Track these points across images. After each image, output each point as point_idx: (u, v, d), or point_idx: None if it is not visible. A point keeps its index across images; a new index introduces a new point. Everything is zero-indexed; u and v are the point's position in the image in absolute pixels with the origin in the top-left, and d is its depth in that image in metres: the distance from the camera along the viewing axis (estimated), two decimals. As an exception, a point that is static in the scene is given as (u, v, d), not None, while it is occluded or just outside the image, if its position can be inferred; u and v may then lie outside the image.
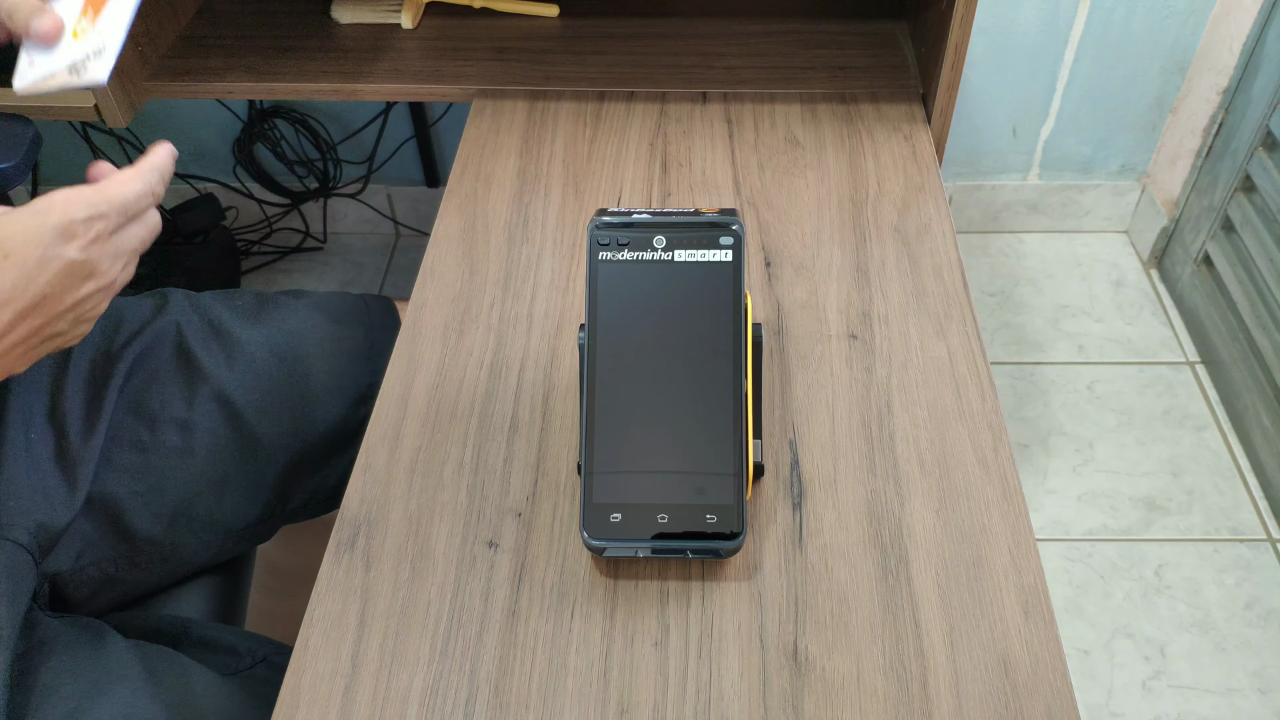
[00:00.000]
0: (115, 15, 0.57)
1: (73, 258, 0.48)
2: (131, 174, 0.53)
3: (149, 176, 0.53)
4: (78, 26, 0.57)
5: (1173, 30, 1.37)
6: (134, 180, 0.52)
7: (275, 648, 0.69)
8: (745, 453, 0.52)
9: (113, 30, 0.57)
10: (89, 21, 0.57)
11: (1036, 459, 1.33)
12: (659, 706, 0.49)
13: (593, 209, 0.78)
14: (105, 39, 0.56)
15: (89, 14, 0.57)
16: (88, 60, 0.56)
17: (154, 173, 0.54)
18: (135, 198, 0.52)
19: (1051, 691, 0.49)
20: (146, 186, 0.53)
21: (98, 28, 0.57)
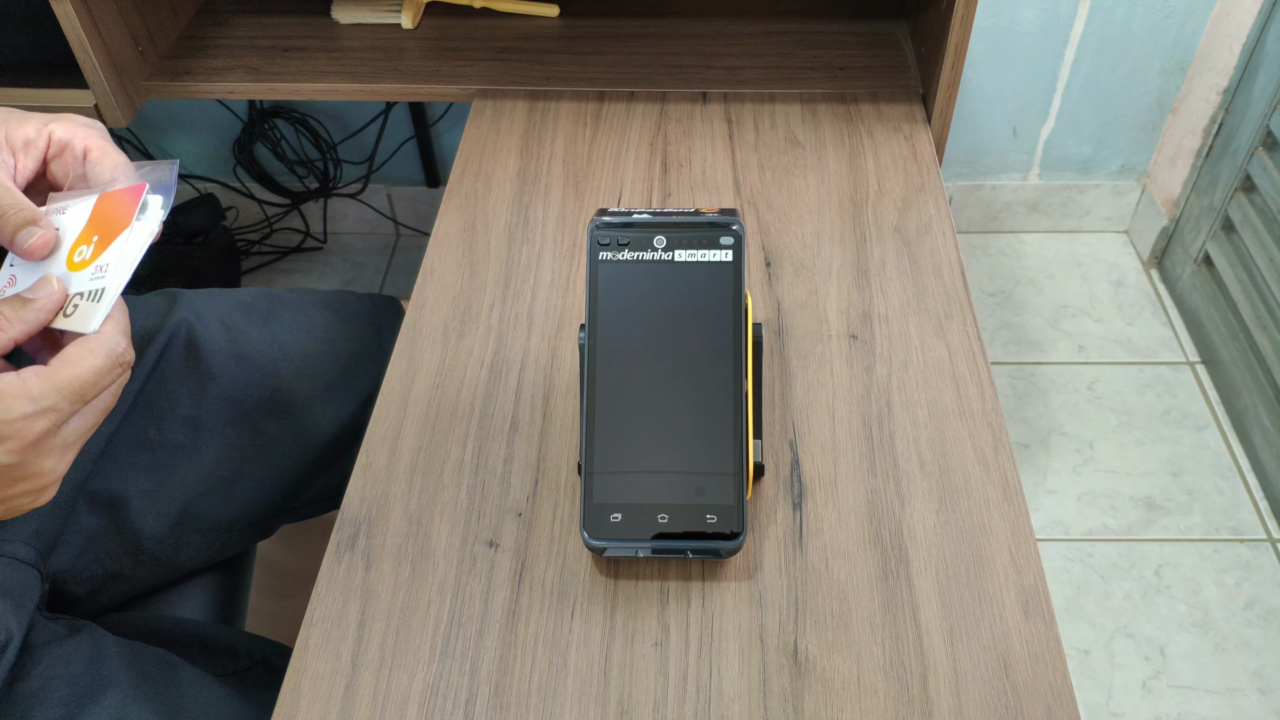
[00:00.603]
0: (123, 256, 0.48)
1: (3, 462, 0.41)
2: (92, 343, 0.44)
3: (112, 343, 0.44)
4: (76, 253, 0.48)
5: (1173, 30, 1.37)
6: (91, 354, 0.43)
7: (274, 649, 0.69)
8: (745, 453, 0.52)
9: (116, 272, 0.47)
10: (90, 250, 0.48)
11: (1036, 459, 1.33)
12: (659, 706, 0.49)
13: (593, 209, 0.78)
14: (107, 281, 0.47)
15: (92, 242, 0.49)
16: (79, 300, 0.46)
17: (118, 335, 0.45)
18: (94, 377, 0.43)
19: (1051, 691, 0.49)
20: (109, 358, 0.44)
21: (101, 264, 0.48)
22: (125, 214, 0.50)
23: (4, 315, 0.44)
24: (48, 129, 0.50)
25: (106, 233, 0.49)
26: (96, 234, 0.49)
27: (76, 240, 0.49)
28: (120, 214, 0.50)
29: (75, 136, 0.51)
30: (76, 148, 0.51)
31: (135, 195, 0.50)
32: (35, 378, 0.42)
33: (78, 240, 0.49)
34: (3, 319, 0.44)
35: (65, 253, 0.49)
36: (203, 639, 0.66)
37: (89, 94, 0.89)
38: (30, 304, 0.45)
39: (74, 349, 0.44)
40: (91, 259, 0.48)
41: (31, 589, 0.58)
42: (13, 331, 0.44)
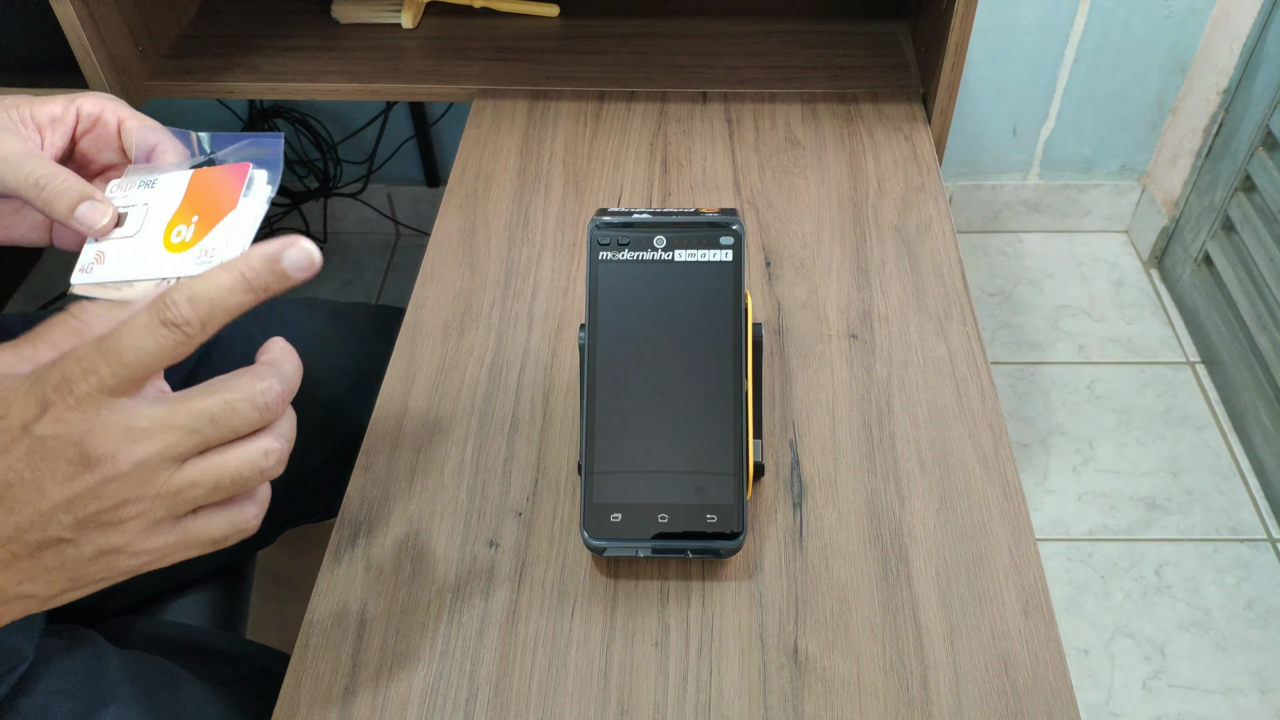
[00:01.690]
0: (231, 238, 0.44)
1: (40, 433, 0.35)
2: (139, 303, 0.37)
3: (159, 300, 0.36)
4: (174, 232, 0.45)
5: (1173, 30, 1.37)
6: (139, 314, 0.36)
7: (274, 656, 0.69)
8: (745, 452, 0.52)
9: (231, 246, 0.44)
10: (190, 231, 0.45)
11: (1036, 459, 1.33)
12: (659, 706, 0.49)
13: (593, 209, 0.78)
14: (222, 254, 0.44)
15: (192, 222, 0.45)
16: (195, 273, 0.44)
17: (180, 290, 0.37)
18: (138, 334, 0.36)
19: (1051, 691, 0.49)
20: (157, 309, 0.36)
21: (206, 248, 0.44)
22: (229, 194, 0.46)
23: (93, 313, 0.39)
24: (74, 104, 0.49)
25: (208, 213, 0.46)
26: (196, 213, 0.46)
27: (173, 218, 0.46)
28: (223, 194, 0.46)
29: (105, 110, 0.49)
30: (109, 121, 0.49)
31: (239, 174, 0.47)
32: (83, 344, 0.37)
33: (174, 218, 0.46)
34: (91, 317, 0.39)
35: (160, 230, 0.46)
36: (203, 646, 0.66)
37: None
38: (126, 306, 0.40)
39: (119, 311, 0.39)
40: (194, 240, 0.45)
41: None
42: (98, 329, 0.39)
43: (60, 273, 1.65)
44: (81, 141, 0.49)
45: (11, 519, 0.36)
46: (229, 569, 0.74)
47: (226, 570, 0.74)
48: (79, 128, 0.49)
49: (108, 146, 0.50)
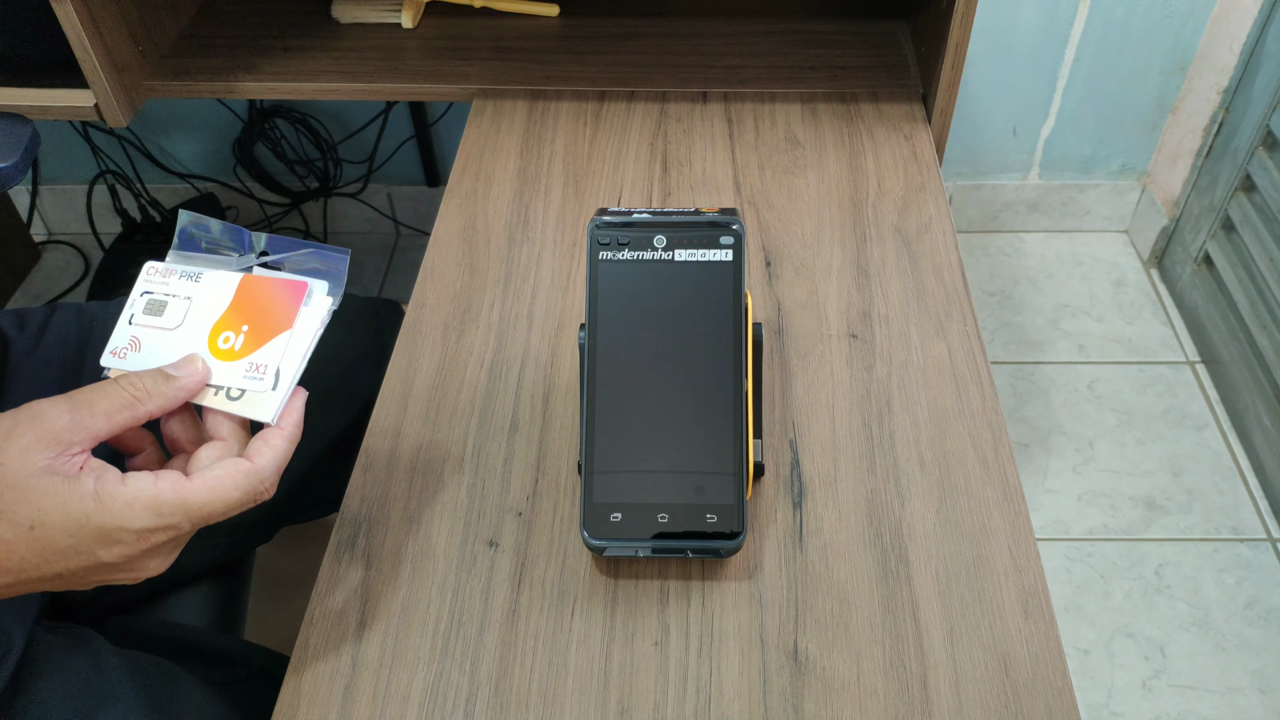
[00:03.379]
0: (286, 360, 0.46)
1: (106, 560, 0.41)
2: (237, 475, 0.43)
3: (257, 480, 0.43)
4: (221, 337, 0.46)
5: (1173, 30, 1.37)
6: (235, 487, 0.42)
7: (272, 658, 0.69)
8: (745, 452, 0.52)
9: (284, 377, 0.45)
10: (239, 341, 0.46)
11: (1036, 458, 1.33)
12: (659, 706, 0.49)
13: (593, 208, 0.78)
14: (269, 381, 0.45)
15: (241, 331, 0.46)
16: (247, 389, 0.45)
17: (269, 470, 0.44)
18: (225, 510, 0.43)
19: (1051, 691, 0.49)
20: (249, 495, 0.43)
21: (258, 364, 0.45)
22: (284, 309, 0.46)
23: (145, 387, 0.43)
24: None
25: (261, 325, 0.46)
26: (246, 322, 0.46)
27: (220, 322, 0.46)
28: (277, 307, 0.46)
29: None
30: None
31: (296, 291, 0.46)
32: (171, 491, 0.41)
33: (221, 322, 0.46)
34: (143, 390, 0.43)
35: (206, 331, 0.46)
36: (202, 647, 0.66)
37: (89, 94, 0.89)
38: (173, 380, 0.44)
39: (221, 472, 0.42)
40: (242, 352, 0.46)
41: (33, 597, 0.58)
42: (150, 405, 0.43)
43: (60, 273, 1.65)
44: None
45: (37, 585, 0.41)
46: (227, 568, 0.74)
47: (225, 569, 0.74)
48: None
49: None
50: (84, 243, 1.68)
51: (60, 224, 1.69)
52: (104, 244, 1.64)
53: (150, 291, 0.48)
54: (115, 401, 0.42)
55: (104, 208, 1.60)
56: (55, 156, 1.58)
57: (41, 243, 1.69)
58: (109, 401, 0.42)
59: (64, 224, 1.69)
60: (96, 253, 1.66)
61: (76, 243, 1.68)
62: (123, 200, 1.56)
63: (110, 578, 0.42)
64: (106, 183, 1.55)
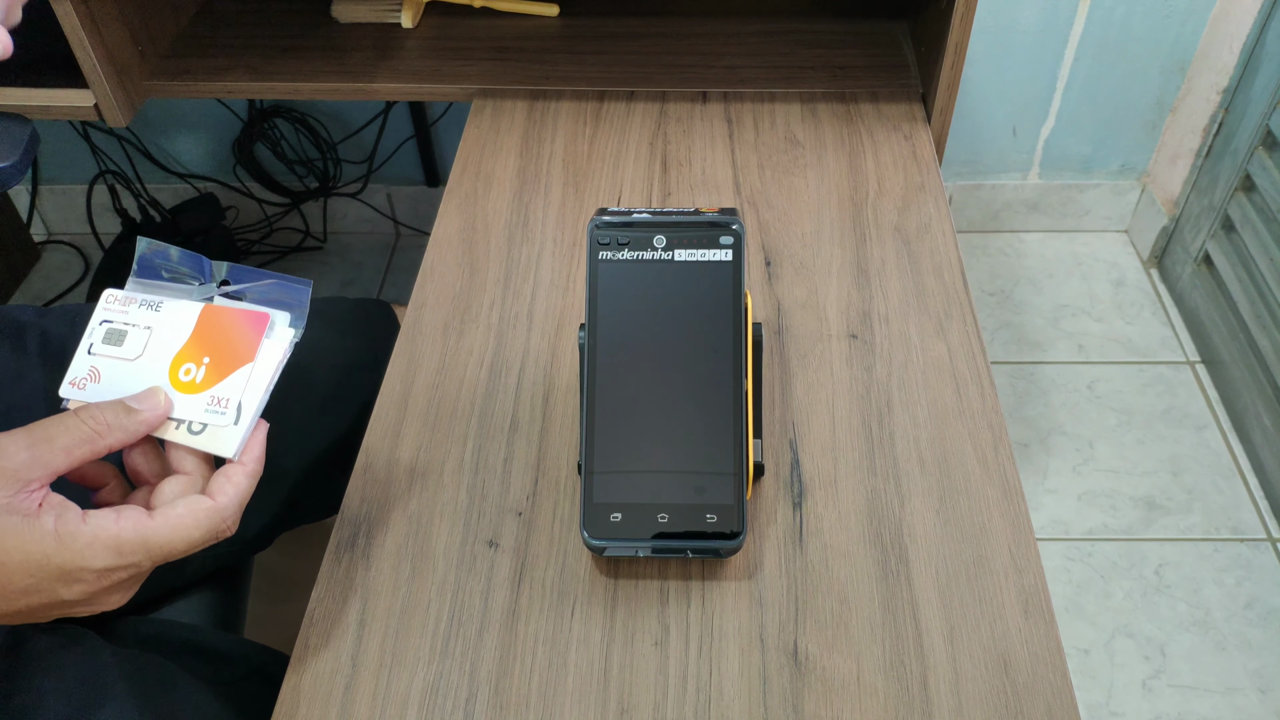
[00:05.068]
0: (248, 393, 0.45)
1: (67, 598, 0.40)
2: (199, 513, 0.42)
3: (218, 518, 0.43)
4: (182, 370, 0.45)
5: (1173, 30, 1.37)
6: (196, 525, 0.42)
7: (271, 657, 0.69)
8: (745, 452, 0.52)
9: (246, 410, 0.44)
10: (200, 373, 0.45)
11: (1036, 458, 1.33)
12: (659, 706, 0.49)
13: (593, 208, 0.78)
14: (231, 416, 0.44)
15: (203, 364, 0.45)
16: (209, 424, 0.44)
17: (231, 508, 0.43)
18: (186, 548, 0.42)
19: (1051, 691, 0.49)
20: (210, 533, 0.43)
21: (219, 397, 0.44)
22: (246, 341, 0.45)
23: (105, 420, 0.42)
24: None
25: (222, 357, 0.45)
26: (207, 354, 0.45)
27: (180, 354, 0.45)
28: (239, 339, 0.45)
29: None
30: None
31: (257, 324, 0.45)
32: (133, 530, 0.40)
33: (182, 353, 0.45)
34: (103, 424, 0.42)
35: (166, 362, 0.45)
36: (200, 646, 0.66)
37: (89, 94, 0.89)
38: (134, 414, 0.43)
39: (183, 510, 0.42)
40: (204, 385, 0.45)
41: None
42: (110, 439, 0.42)
43: (60, 273, 1.65)
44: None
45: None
46: (227, 570, 0.74)
47: (224, 571, 0.74)
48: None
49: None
50: (84, 243, 1.68)
51: (60, 224, 1.69)
52: (104, 244, 1.64)
53: (110, 320, 0.47)
54: (75, 436, 0.41)
55: (104, 208, 1.60)
56: (55, 156, 1.58)
57: (41, 243, 1.69)
58: (68, 436, 0.41)
59: (64, 224, 1.69)
60: (96, 253, 1.66)
61: (76, 243, 1.68)
62: (122, 200, 1.56)
63: (69, 612, 0.42)
64: (106, 183, 1.55)
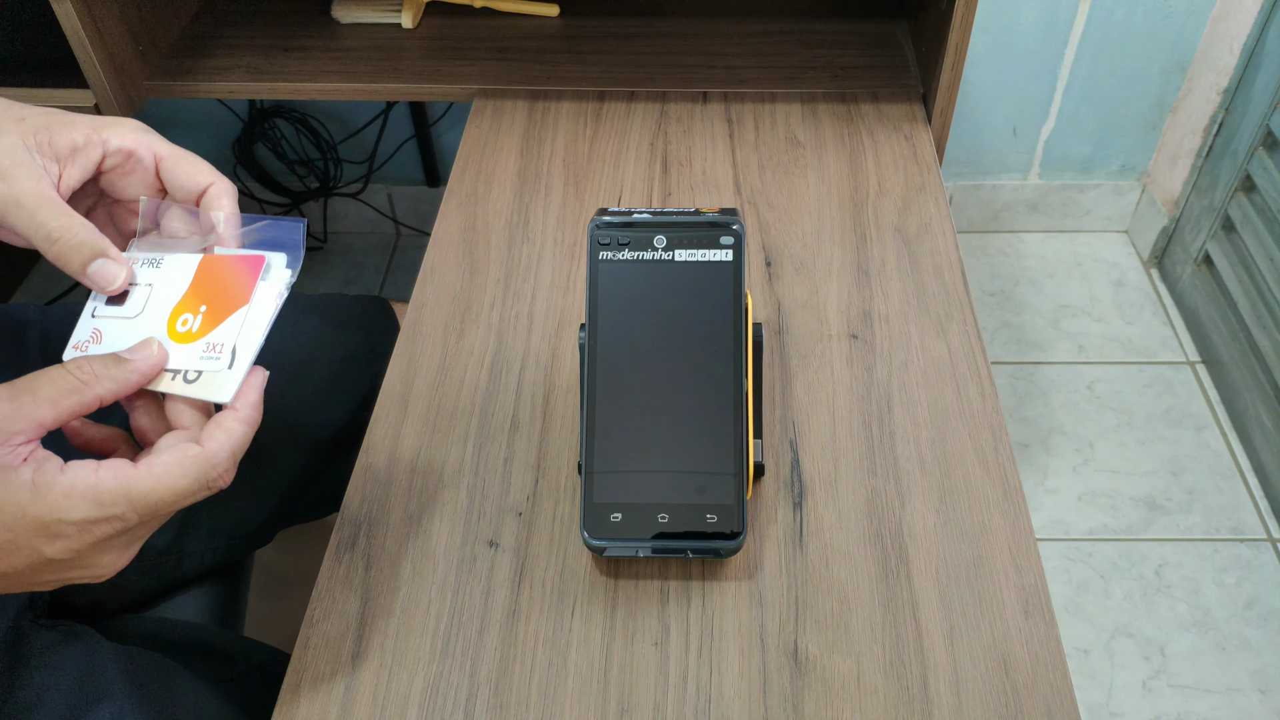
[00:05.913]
0: (243, 337, 0.44)
1: (50, 556, 0.38)
2: (185, 461, 0.40)
3: (208, 465, 0.41)
4: (179, 321, 0.44)
5: (1173, 30, 1.37)
6: (182, 474, 0.40)
7: (270, 655, 0.69)
8: (745, 452, 0.52)
9: (241, 354, 0.43)
10: (197, 322, 0.44)
11: (1036, 459, 1.33)
12: (659, 706, 0.49)
13: (593, 209, 0.78)
14: (226, 361, 0.43)
15: (199, 312, 0.44)
16: (204, 370, 0.43)
17: (222, 455, 0.41)
18: (174, 499, 0.40)
19: (1051, 691, 0.49)
20: (199, 483, 0.40)
21: (214, 343, 0.44)
22: (241, 285, 0.44)
23: (93, 370, 0.41)
24: (100, 136, 0.45)
25: (218, 304, 0.44)
26: (204, 303, 0.44)
27: (179, 305, 0.44)
28: (234, 284, 0.44)
29: (139, 146, 0.45)
30: (144, 158, 0.46)
31: (253, 266, 0.45)
32: (113, 479, 0.39)
33: (180, 305, 0.44)
34: (90, 373, 0.41)
35: (165, 315, 0.44)
36: (200, 644, 0.66)
37: (89, 94, 0.89)
38: (125, 363, 0.42)
39: (169, 459, 0.40)
40: (200, 333, 0.44)
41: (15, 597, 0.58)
42: (99, 389, 0.41)
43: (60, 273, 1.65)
44: (109, 175, 0.46)
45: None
46: (227, 567, 0.74)
47: (224, 569, 0.74)
48: (105, 162, 0.46)
49: (142, 184, 0.47)
50: (84, 243, 1.68)
51: (60, 224, 1.69)
52: (104, 244, 1.64)
53: None
54: (60, 386, 0.40)
55: (104, 208, 1.59)
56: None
57: (41, 243, 1.69)
58: (53, 387, 0.40)
59: (64, 224, 1.68)
60: (96, 253, 1.66)
61: (76, 243, 1.68)
62: (123, 200, 1.56)
63: (65, 575, 0.40)
64: (106, 183, 1.55)
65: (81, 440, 0.45)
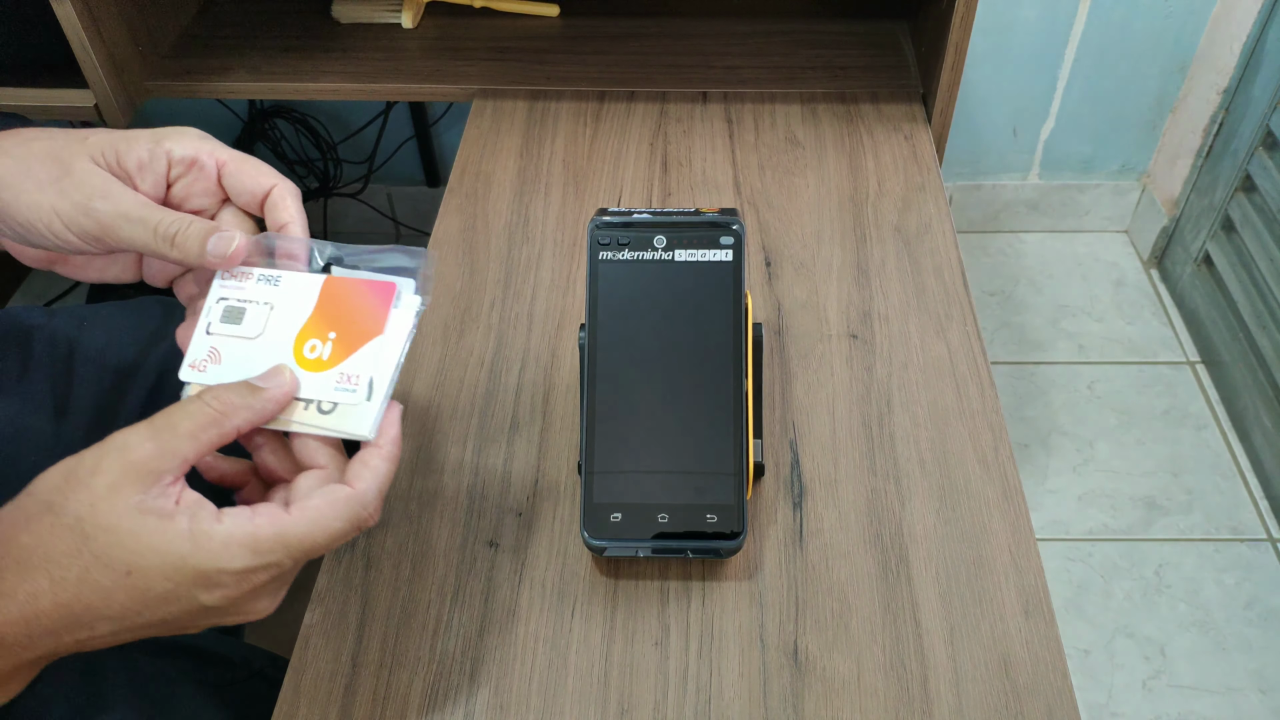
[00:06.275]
0: (379, 368, 0.42)
1: (208, 604, 0.38)
2: (337, 502, 0.40)
3: (359, 505, 0.40)
4: (307, 346, 0.43)
5: (1173, 30, 1.37)
6: (336, 516, 0.40)
7: (270, 660, 0.68)
8: (745, 452, 0.52)
9: (378, 387, 0.42)
10: (327, 349, 0.43)
11: (1037, 459, 1.33)
12: (659, 706, 0.49)
13: (593, 209, 0.78)
14: (363, 394, 0.42)
15: (328, 339, 0.43)
16: (339, 402, 0.42)
17: (371, 494, 0.41)
18: (328, 542, 0.40)
19: (1052, 691, 0.49)
20: (353, 523, 0.40)
21: (348, 374, 0.42)
22: (373, 313, 0.43)
23: (229, 400, 0.40)
24: (163, 148, 0.44)
25: (349, 331, 0.43)
26: (333, 329, 0.43)
27: (304, 329, 0.43)
28: (366, 311, 0.43)
29: (201, 153, 0.45)
30: (206, 164, 0.45)
31: (384, 293, 0.43)
32: (269, 526, 0.38)
33: (306, 329, 0.43)
34: (226, 404, 0.40)
35: (289, 339, 0.43)
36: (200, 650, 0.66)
37: (89, 94, 0.89)
38: (259, 392, 0.41)
39: (320, 502, 0.39)
40: (331, 362, 0.42)
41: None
42: (236, 419, 0.40)
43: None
44: (174, 186, 0.46)
45: (138, 633, 0.39)
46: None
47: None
48: (171, 172, 0.45)
49: (204, 192, 0.46)
50: (84, 243, 1.68)
51: (60, 224, 1.69)
52: (104, 244, 1.64)
53: (226, 297, 0.44)
54: (199, 420, 0.39)
55: (104, 208, 1.59)
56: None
57: (41, 243, 1.69)
58: (192, 421, 0.39)
59: (64, 224, 1.68)
60: (96, 253, 1.66)
61: (76, 243, 1.68)
62: (123, 200, 1.56)
63: (219, 620, 0.40)
64: (106, 183, 1.55)
65: (215, 475, 0.44)
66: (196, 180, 0.46)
